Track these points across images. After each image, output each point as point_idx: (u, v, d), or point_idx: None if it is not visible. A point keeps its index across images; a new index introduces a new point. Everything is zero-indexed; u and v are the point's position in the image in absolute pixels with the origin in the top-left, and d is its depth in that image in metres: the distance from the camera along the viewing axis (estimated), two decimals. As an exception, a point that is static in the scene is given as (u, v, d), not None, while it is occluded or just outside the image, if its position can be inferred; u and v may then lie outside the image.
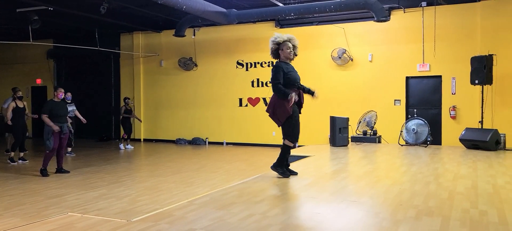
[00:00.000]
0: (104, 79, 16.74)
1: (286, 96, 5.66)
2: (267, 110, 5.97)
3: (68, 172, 8.69)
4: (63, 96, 8.77)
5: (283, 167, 6.01)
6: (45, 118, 8.26)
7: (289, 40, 5.90)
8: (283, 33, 6.05)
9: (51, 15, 11.94)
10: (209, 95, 14.88)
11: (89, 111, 15.91)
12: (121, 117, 13.34)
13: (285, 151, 5.94)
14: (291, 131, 5.83)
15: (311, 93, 6.07)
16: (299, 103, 5.94)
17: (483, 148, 9.11)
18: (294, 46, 5.96)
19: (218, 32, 14.53)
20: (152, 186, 7.38)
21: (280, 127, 5.91)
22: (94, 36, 14.27)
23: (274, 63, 5.93)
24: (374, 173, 6.53)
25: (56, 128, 8.20)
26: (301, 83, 6.06)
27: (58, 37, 16.58)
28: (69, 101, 11.59)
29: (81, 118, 11.67)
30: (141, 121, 14.50)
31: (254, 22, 13.64)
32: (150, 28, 15.18)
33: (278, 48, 5.91)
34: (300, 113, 5.99)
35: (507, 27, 10.84)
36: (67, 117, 10.33)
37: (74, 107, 11.80)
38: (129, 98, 13.83)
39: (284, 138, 5.86)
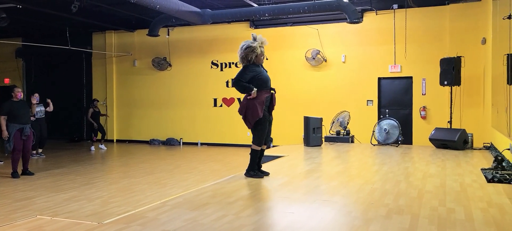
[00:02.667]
0: (75, 79, 16.40)
1: (247, 90, 5.70)
2: (239, 111, 5.95)
3: (32, 174, 8.45)
4: (22, 96, 8.47)
5: (255, 170, 6.02)
6: (2, 120, 7.99)
7: (262, 44, 5.87)
8: (251, 37, 5.90)
9: (20, 13, 11.63)
10: (183, 96, 14.78)
11: (60, 112, 15.56)
12: (89, 119, 13.00)
13: (253, 155, 5.95)
14: (258, 135, 5.84)
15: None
16: (271, 106, 5.92)
17: (452, 147, 9.36)
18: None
19: (192, 32, 14.45)
20: (124, 187, 7.28)
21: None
22: (65, 35, 13.97)
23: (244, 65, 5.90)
24: (346, 172, 6.62)
25: (5, 134, 7.95)
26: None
27: (27, 36, 16.15)
28: (37, 102, 11.23)
29: (49, 107, 11.36)
30: (108, 116, 14.30)
31: (228, 22, 13.63)
32: (123, 28, 14.96)
33: (255, 56, 5.82)
34: (271, 115, 5.97)
35: (474, 30, 11.17)
36: (37, 118, 10.06)
37: (43, 108, 11.43)
38: (97, 100, 13.54)
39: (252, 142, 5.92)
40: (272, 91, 5.94)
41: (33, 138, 8.54)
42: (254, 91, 5.67)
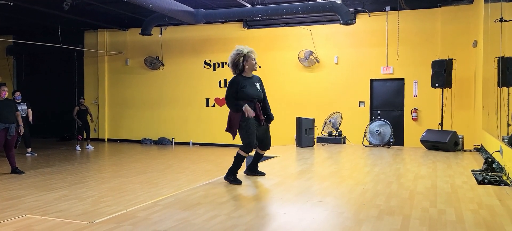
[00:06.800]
0: (67, 77, 16.28)
1: (239, 109, 5.43)
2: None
3: (22, 172, 8.37)
4: (6, 95, 8.30)
5: (235, 174, 5.68)
6: None
7: (251, 52, 5.59)
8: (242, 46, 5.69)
9: (11, 10, 11.51)
10: (175, 95, 14.73)
11: (51, 110, 15.46)
12: (74, 117, 12.87)
13: (237, 160, 5.64)
14: (245, 139, 5.55)
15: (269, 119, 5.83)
16: (257, 116, 5.58)
17: (443, 149, 9.42)
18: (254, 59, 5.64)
19: (185, 31, 14.41)
20: (116, 187, 7.23)
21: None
22: (57, 33, 13.87)
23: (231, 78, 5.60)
24: (338, 173, 6.63)
25: None
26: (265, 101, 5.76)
27: (18, 33, 16.01)
28: (19, 101, 11.12)
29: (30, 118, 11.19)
30: (93, 121, 14.05)
31: (222, 22, 13.61)
32: (115, 26, 14.88)
33: (243, 61, 5.54)
34: (260, 125, 5.66)
35: (465, 33, 11.26)
36: (18, 117, 9.94)
37: (26, 107, 11.27)
38: (83, 99, 13.44)
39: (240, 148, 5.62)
40: (259, 102, 5.64)
41: (17, 137, 8.43)
42: (245, 107, 5.40)
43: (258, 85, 5.68)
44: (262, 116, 5.69)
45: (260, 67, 5.94)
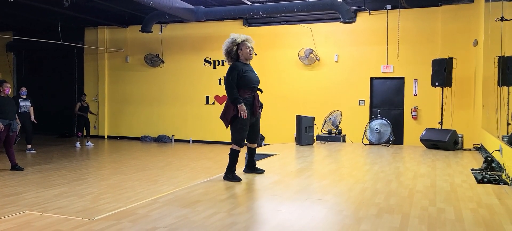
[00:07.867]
0: (67, 74, 16.28)
1: (235, 102, 5.40)
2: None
3: (22, 169, 8.38)
4: (10, 91, 8.34)
5: (233, 172, 5.66)
6: None
7: (247, 40, 5.58)
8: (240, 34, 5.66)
9: (11, 6, 11.49)
10: (175, 93, 14.73)
11: (51, 107, 15.46)
12: (76, 114, 12.94)
13: (233, 155, 5.62)
14: (236, 134, 5.55)
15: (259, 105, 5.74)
16: (254, 107, 5.57)
17: (442, 148, 9.42)
18: (251, 47, 5.61)
19: (185, 29, 14.40)
20: (115, 184, 7.24)
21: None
22: (57, 30, 13.85)
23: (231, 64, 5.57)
24: (338, 171, 6.64)
25: (1, 126, 7.87)
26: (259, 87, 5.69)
27: (19, 30, 15.99)
28: (24, 97, 11.15)
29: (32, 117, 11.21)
30: (95, 114, 14.11)
31: (222, 20, 13.60)
32: (115, 23, 14.86)
33: (237, 49, 5.56)
34: (255, 117, 5.66)
35: (466, 32, 11.26)
36: (20, 113, 9.94)
37: (29, 103, 11.28)
38: (85, 95, 13.48)
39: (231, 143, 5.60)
40: (257, 91, 5.62)
41: (17, 134, 8.48)
42: (241, 106, 5.38)
43: (255, 72, 5.70)
44: (258, 108, 5.68)
45: (255, 55, 5.94)
